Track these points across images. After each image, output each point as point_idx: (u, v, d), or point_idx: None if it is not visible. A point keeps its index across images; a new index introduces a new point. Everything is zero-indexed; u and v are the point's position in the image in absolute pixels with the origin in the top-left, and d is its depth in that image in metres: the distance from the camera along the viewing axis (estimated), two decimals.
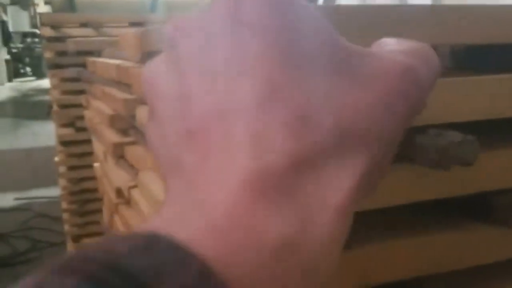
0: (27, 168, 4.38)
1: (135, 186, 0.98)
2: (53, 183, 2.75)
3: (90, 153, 1.82)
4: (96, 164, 1.59)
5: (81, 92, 1.89)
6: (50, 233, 2.93)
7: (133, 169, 1.07)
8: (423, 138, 0.29)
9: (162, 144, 0.22)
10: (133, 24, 2.10)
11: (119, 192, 1.15)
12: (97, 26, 2.11)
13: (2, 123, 6.59)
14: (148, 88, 0.23)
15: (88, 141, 1.83)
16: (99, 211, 1.86)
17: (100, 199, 1.51)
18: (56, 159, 2.09)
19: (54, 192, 2.86)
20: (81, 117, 1.99)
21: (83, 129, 1.99)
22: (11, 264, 2.73)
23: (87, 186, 2.04)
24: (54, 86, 2.11)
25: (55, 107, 2.11)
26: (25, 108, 7.53)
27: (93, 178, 1.82)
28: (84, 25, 2.12)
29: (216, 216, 0.17)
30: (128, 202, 1.05)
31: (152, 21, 2.15)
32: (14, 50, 10.51)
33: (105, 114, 1.15)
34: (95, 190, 1.82)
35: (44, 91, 6.17)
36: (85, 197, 2.07)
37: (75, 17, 2.19)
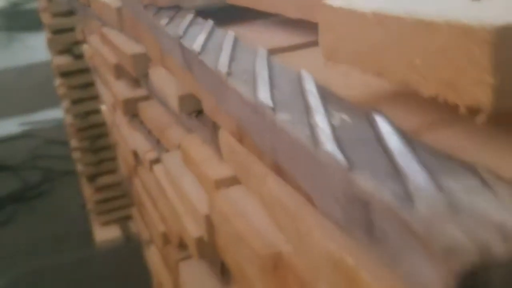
0: (27, 88, 4.23)
1: (157, 161, 0.84)
2: (57, 103, 2.62)
3: (93, 83, 1.67)
4: (103, 108, 1.45)
5: (74, 13, 1.69)
6: (61, 161, 2.85)
7: (150, 134, 0.93)
8: None
9: None
10: None
11: (135, 155, 1.02)
12: None
13: None
14: None
15: (90, 70, 1.67)
16: (112, 146, 1.74)
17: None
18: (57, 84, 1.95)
19: (60, 114, 2.73)
20: (79, 43, 1.81)
21: (82, 56, 1.81)
22: (24, 198, 2.69)
23: (96, 120, 1.91)
24: (43, 9, 1.91)
25: (48, 33, 1.92)
26: (17, 19, 7.19)
27: (100, 111, 1.67)
28: None
29: None
30: (149, 170, 0.92)
31: None
32: None
33: (110, 63, 0.98)
34: (104, 124, 1.69)
35: None
36: (95, 133, 1.95)
37: None
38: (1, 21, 7.33)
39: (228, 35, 0.48)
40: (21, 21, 6.64)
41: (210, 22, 0.54)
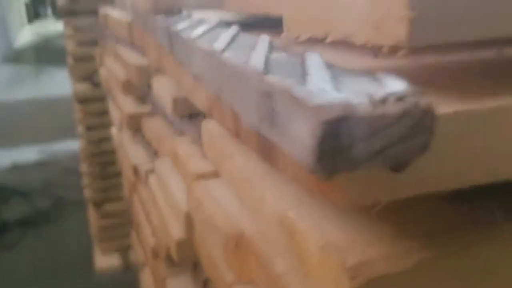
0: (49, 118, 4.35)
1: (152, 171, 0.87)
2: (75, 135, 2.70)
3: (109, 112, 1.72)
4: (113, 129, 1.49)
5: (97, 43, 1.77)
6: (73, 190, 2.90)
7: (150, 147, 0.96)
8: None
9: None
10: None
11: (135, 170, 1.04)
12: None
13: (23, 70, 6.58)
14: None
15: (106, 98, 1.73)
16: (120, 173, 1.78)
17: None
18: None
19: (77, 145, 2.81)
20: (98, 71, 1.88)
21: (100, 85, 1.88)
22: (32, 223, 2.73)
23: (108, 148, 1.95)
24: (68, 36, 2.00)
25: (70, 60, 2.00)
26: (47, 53, 7.48)
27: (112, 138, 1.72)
28: None
29: None
30: (145, 182, 0.95)
31: None
32: None
33: (118, 79, 1.03)
34: (116, 151, 1.73)
35: None
36: (106, 159, 1.99)
37: None
38: (31, 55, 7.63)
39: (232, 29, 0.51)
40: (50, 56, 6.90)
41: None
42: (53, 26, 10.27)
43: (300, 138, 0.19)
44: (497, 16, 0.24)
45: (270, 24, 0.44)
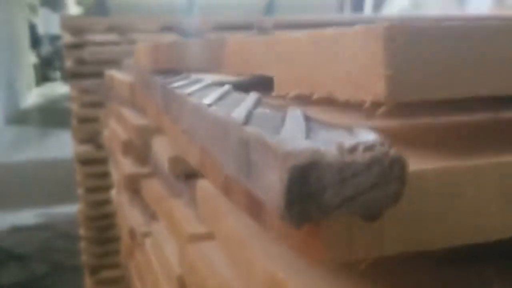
0: (50, 180, 4.37)
1: (148, 235, 0.86)
2: (75, 199, 2.70)
3: (110, 174, 1.73)
4: (113, 191, 1.49)
5: (102, 105, 1.81)
6: (71, 255, 2.86)
7: (148, 209, 0.96)
8: None
9: None
10: (165, 28, 2.01)
11: (132, 234, 1.04)
12: (123, 31, 2.02)
13: (28, 132, 6.68)
14: None
15: (108, 160, 1.74)
16: (120, 239, 1.76)
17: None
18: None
19: (75, 209, 2.81)
20: (101, 133, 1.91)
21: (103, 147, 1.90)
22: None
23: (107, 211, 1.95)
24: (73, 98, 2.04)
25: (74, 122, 2.04)
26: (53, 116, 7.62)
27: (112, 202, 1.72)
28: (111, 29, 2.03)
29: None
30: (141, 246, 0.94)
31: (185, 25, 2.06)
32: (43, 54, 10.74)
33: (119, 139, 1.04)
34: (114, 215, 1.72)
35: None
36: (105, 223, 1.98)
37: (100, 20, 2.11)
38: (37, 117, 7.76)
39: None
40: (56, 118, 7.02)
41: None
42: (60, 89, 10.52)
43: (271, 185, 0.19)
44: (478, 75, 0.25)
45: (269, 84, 0.46)
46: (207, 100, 0.33)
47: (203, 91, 0.41)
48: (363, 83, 0.25)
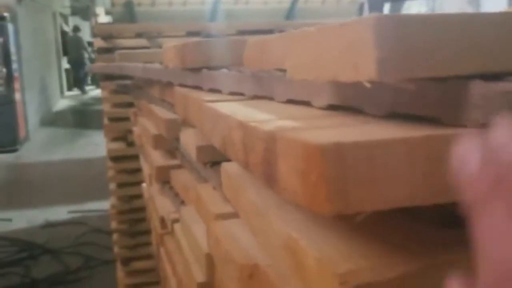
0: (84, 179, 4.48)
1: (178, 221, 0.91)
2: (108, 195, 2.78)
3: (140, 170, 1.79)
4: (143, 184, 1.55)
5: (133, 105, 1.87)
6: (104, 250, 2.94)
7: (178, 197, 1.01)
8: None
9: None
10: (191, 33, 2.07)
11: (163, 222, 1.09)
12: (151, 36, 2.09)
13: (62, 133, 6.85)
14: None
15: (138, 157, 1.80)
16: (150, 231, 1.82)
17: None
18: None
19: (108, 205, 2.88)
20: (132, 132, 1.98)
21: (134, 144, 1.97)
22: (62, 282, 2.76)
23: (138, 205, 2.01)
24: (105, 99, 2.11)
25: (106, 121, 2.11)
26: (86, 117, 7.80)
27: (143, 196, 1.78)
28: (139, 35, 2.11)
29: None
30: (171, 232, 0.99)
31: (210, 30, 2.12)
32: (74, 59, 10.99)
33: (149, 134, 1.10)
34: (145, 209, 1.78)
35: None
36: (136, 216, 2.05)
37: (129, 27, 2.19)
38: (72, 119, 7.94)
39: None
40: (89, 120, 7.18)
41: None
42: (92, 93, 10.73)
43: None
44: (466, 53, 0.29)
45: None
46: None
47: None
48: (359, 65, 0.29)
